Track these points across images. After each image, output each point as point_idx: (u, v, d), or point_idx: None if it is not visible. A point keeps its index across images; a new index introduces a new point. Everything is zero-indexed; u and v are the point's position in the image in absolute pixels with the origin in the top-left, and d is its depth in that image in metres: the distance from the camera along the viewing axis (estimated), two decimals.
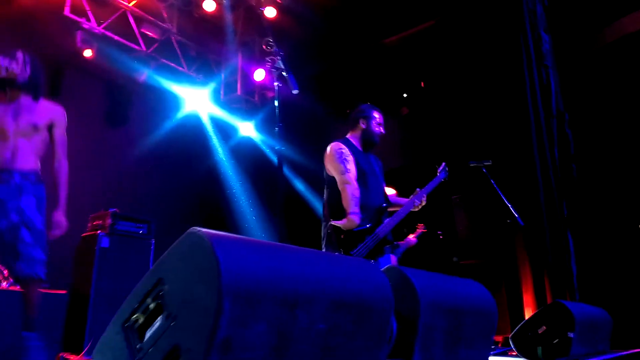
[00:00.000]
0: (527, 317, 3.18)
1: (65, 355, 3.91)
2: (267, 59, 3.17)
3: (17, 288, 3.97)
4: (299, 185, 6.83)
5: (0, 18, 5.18)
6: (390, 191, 3.47)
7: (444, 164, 3.37)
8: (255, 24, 6.86)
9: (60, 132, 3.04)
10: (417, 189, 3.13)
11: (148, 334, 1.12)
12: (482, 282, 2.19)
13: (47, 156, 3.04)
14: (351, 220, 2.81)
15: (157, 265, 1.13)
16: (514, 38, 4.86)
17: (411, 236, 4.81)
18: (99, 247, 4.36)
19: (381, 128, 3.25)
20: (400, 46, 6.30)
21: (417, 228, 4.92)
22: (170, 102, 6.79)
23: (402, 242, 4.72)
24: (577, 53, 4.81)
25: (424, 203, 3.14)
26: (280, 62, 3.02)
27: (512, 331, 3.00)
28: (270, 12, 6.13)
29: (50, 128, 2.98)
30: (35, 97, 2.92)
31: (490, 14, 5.23)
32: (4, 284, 3.96)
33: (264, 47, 6.48)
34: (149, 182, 6.42)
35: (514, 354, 3.00)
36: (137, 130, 6.52)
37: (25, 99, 2.88)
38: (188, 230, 1.23)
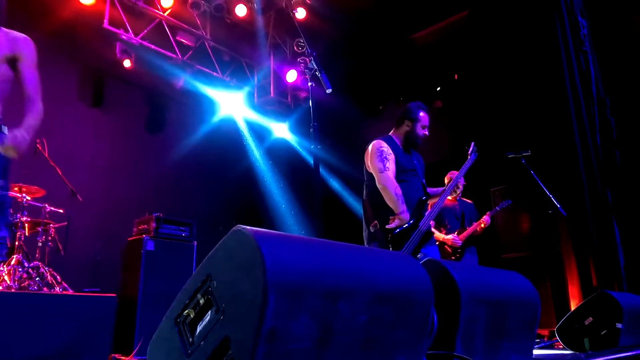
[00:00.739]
0: (572, 309, 3.11)
1: (117, 356, 4.08)
2: (299, 60, 3.18)
3: (71, 292, 4.19)
4: (335, 184, 6.88)
5: (44, 32, 5.44)
6: None
7: (472, 144, 3.28)
8: (286, 26, 6.95)
9: (27, 67, 2.49)
10: (450, 175, 3.10)
11: (199, 328, 1.18)
12: (526, 275, 2.16)
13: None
14: (402, 219, 2.82)
15: (205, 262, 1.19)
16: (551, 24, 4.74)
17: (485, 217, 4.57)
18: (144, 250, 4.52)
19: (426, 131, 3.20)
20: (431, 40, 6.25)
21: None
22: (206, 106, 6.97)
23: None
24: (615, 37, 4.64)
25: (460, 186, 3.10)
26: (312, 62, 3.03)
27: (557, 324, 2.94)
28: (300, 13, 6.19)
29: (11, 62, 2.42)
30: None
31: (524, 1, 5.12)
32: (57, 288, 4.18)
33: (295, 48, 6.57)
34: (188, 185, 6.61)
35: (561, 346, 2.94)
36: (176, 135, 6.73)
37: None
38: (233, 228, 1.28)
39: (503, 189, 5.26)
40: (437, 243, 3.56)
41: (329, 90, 2.81)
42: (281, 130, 7.62)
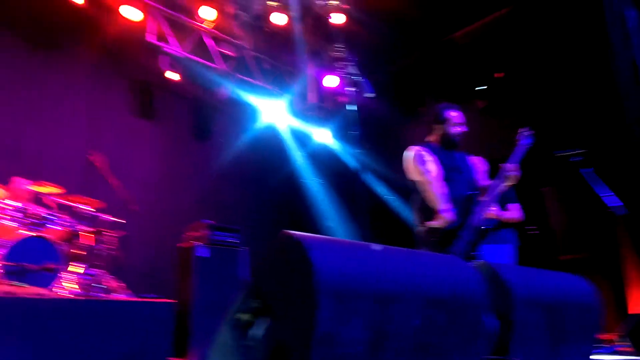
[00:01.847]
0: (633, 312, 2.93)
1: None
2: (338, 65, 3.21)
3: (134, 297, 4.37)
4: (379, 187, 6.85)
5: (94, 49, 5.74)
6: None
7: (524, 129, 3.11)
8: (324, 32, 6.99)
9: None
10: (500, 166, 2.99)
11: (254, 332, 1.21)
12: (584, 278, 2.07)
13: None
14: (443, 217, 2.79)
15: (257, 268, 1.22)
16: (598, 15, 4.54)
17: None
18: (196, 257, 4.64)
19: (460, 127, 3.16)
20: (471, 38, 6.13)
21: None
22: (249, 114, 7.12)
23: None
24: None
25: (516, 175, 2.97)
26: (352, 67, 3.04)
27: (618, 328, 2.80)
28: (337, 18, 6.21)
29: None
30: None
31: None
32: (119, 294, 4.37)
33: (334, 54, 6.60)
34: (234, 192, 6.77)
35: (624, 350, 2.80)
36: (221, 143, 6.90)
37: None
38: (280, 234, 1.31)
39: (554, 189, 5.07)
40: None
41: (369, 95, 2.82)
42: (322, 136, 7.67)
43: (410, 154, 3.07)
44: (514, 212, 3.54)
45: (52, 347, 3.45)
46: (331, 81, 6.94)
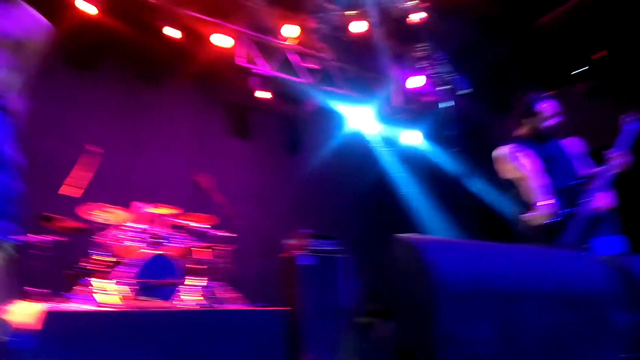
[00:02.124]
0: None
1: None
2: (423, 64, 3.19)
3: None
4: (475, 187, 6.61)
5: (188, 77, 6.21)
6: None
7: (631, 112, 2.85)
8: (405, 33, 6.95)
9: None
10: (606, 152, 2.77)
11: (376, 335, 1.26)
12: None
13: None
14: (541, 210, 2.68)
15: (374, 272, 1.27)
16: None
17: None
18: (299, 265, 4.82)
19: (553, 118, 2.99)
20: (558, 23, 5.75)
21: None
22: (337, 123, 7.28)
23: None
24: None
25: (624, 161, 2.75)
26: (441, 65, 3.01)
27: None
28: (417, 17, 6.14)
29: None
30: None
31: None
32: (235, 304, 4.67)
33: (417, 54, 6.52)
34: (329, 200, 6.92)
35: None
36: (313, 154, 7.12)
37: None
38: (394, 238, 1.35)
39: None
40: None
41: (465, 91, 2.77)
42: (411, 137, 7.59)
43: (500, 152, 3.00)
44: (603, 200, 3.24)
45: (178, 355, 3.78)
46: (416, 82, 6.86)
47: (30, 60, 1.94)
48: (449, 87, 2.84)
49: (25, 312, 3.45)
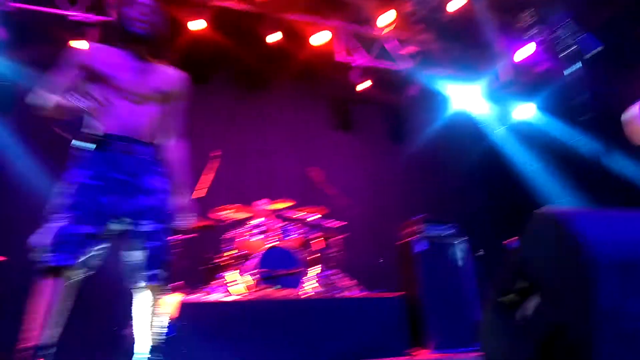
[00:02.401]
0: None
1: (415, 350, 4.40)
2: (532, 32, 2.96)
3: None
4: (598, 156, 6.00)
5: (291, 76, 6.40)
6: None
7: None
8: (508, 2, 6.53)
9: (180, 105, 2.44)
10: None
11: (525, 312, 1.22)
12: None
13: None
14: None
15: (519, 247, 1.24)
16: None
17: None
18: (415, 252, 4.79)
19: None
20: None
21: None
22: (443, 105, 7.08)
23: None
24: None
25: None
26: (555, 29, 2.77)
27: None
28: None
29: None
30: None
31: None
32: (353, 291, 4.78)
33: (524, 22, 6.08)
34: (440, 184, 6.75)
35: None
36: (418, 140, 6.99)
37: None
38: (534, 213, 1.29)
39: None
40: None
41: (592, 52, 2.54)
42: (525, 112, 7.11)
43: (631, 114, 2.65)
44: None
45: (302, 341, 3.97)
46: (526, 52, 6.42)
47: (177, 106, 2.40)
48: (570, 50, 2.60)
49: (170, 304, 3.87)
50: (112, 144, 2.12)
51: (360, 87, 6.46)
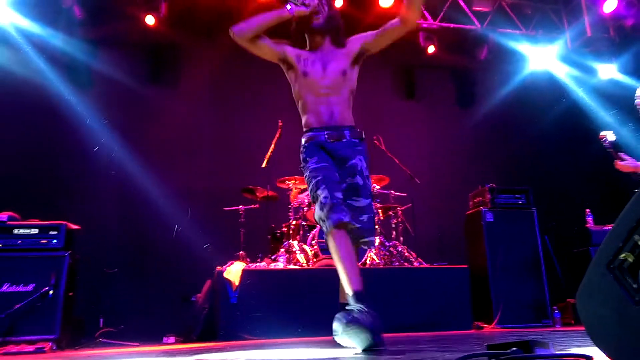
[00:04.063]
0: None
1: (479, 324, 4.26)
2: None
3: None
4: None
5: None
6: None
7: None
8: None
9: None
10: None
11: None
12: None
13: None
14: None
15: (637, 201, 1.07)
16: None
17: None
18: (484, 222, 4.59)
19: None
20: None
21: None
22: (515, 68, 6.62)
23: None
24: None
25: None
26: None
27: None
28: None
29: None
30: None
31: None
32: (415, 263, 4.65)
33: None
34: (510, 151, 6.36)
35: None
36: (488, 105, 6.60)
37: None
38: None
39: None
40: None
41: None
42: (609, 71, 6.50)
43: None
44: None
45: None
46: (610, 5, 5.83)
47: None
48: None
49: (235, 272, 3.95)
50: None
51: (429, 51, 6.14)
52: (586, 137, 5.42)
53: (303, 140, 2.40)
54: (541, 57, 6.53)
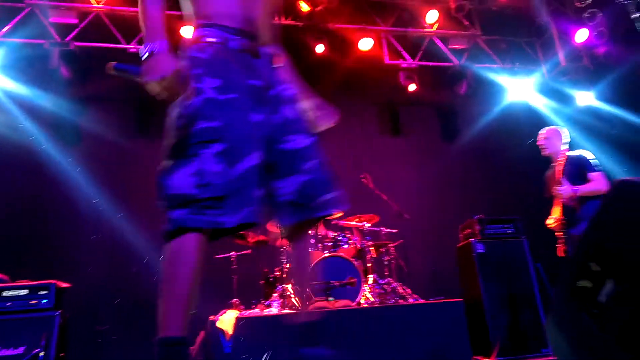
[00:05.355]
0: None
1: (479, 358, 4.17)
2: (589, 14, 2.76)
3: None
4: None
5: (338, 83, 6.33)
6: None
7: None
8: None
9: None
10: None
11: (601, 299, 1.09)
12: None
13: None
14: None
15: (591, 228, 1.11)
16: None
17: None
18: (475, 253, 4.57)
19: None
20: None
21: None
22: (496, 100, 6.78)
23: None
24: None
25: None
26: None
27: None
28: None
29: None
30: None
31: None
32: (410, 299, 4.61)
33: (578, 4, 5.74)
34: (497, 183, 6.43)
35: None
36: (471, 139, 6.72)
37: None
38: (614, 182, 1.15)
39: None
40: None
41: None
42: (585, 98, 6.67)
43: None
44: None
45: (362, 351, 3.85)
46: (582, 35, 6.06)
47: None
48: (617, 36, 2.37)
49: (228, 320, 3.89)
50: None
51: (410, 88, 6.30)
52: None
53: None
54: (521, 89, 6.71)
